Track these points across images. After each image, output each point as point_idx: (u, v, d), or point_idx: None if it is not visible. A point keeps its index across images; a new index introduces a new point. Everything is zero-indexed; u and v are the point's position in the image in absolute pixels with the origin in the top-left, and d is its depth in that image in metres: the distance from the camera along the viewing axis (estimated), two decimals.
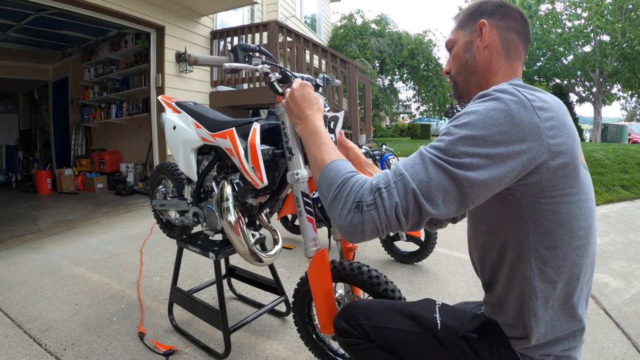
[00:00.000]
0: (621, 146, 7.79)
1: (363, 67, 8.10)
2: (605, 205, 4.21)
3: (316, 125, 0.90)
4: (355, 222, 0.66)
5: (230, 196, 1.37)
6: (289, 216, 3.15)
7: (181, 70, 5.03)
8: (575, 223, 0.70)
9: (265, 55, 1.22)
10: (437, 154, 0.65)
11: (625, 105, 30.27)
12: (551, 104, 0.68)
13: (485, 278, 0.86)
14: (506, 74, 0.82)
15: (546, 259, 0.71)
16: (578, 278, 0.72)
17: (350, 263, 1.24)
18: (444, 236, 3.11)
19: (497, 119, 0.64)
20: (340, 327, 0.93)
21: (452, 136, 0.66)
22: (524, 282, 0.73)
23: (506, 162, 0.63)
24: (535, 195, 0.69)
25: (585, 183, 0.72)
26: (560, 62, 14.68)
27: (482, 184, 0.63)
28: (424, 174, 0.64)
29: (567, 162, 0.67)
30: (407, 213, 0.64)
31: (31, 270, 2.58)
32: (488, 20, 0.82)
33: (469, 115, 0.67)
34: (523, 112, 0.64)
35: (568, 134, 0.68)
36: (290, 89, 0.98)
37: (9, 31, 5.16)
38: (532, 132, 0.64)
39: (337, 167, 0.75)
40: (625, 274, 2.42)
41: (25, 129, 7.99)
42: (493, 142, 0.63)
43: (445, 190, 0.63)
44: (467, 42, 0.85)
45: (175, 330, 1.78)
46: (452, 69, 0.89)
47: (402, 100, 18.63)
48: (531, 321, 0.72)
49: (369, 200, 0.65)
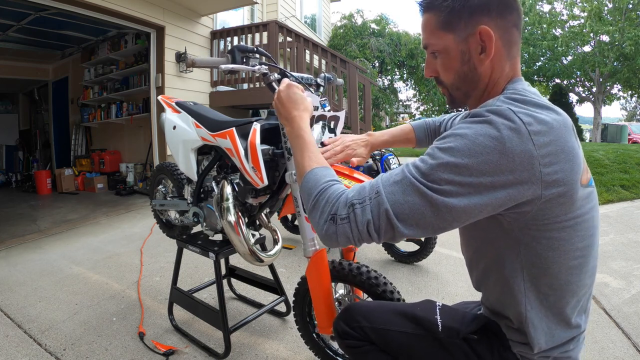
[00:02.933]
0: (621, 146, 7.78)
1: (363, 67, 8.10)
2: (605, 205, 4.21)
3: (301, 127, 0.88)
4: (330, 232, 0.67)
5: (230, 196, 1.37)
6: (289, 216, 3.15)
7: (181, 70, 5.03)
8: (570, 246, 0.68)
9: (263, 55, 1.22)
10: (417, 177, 0.63)
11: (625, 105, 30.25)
12: (551, 125, 0.62)
13: (474, 284, 0.88)
14: (507, 76, 0.74)
15: (538, 276, 0.70)
16: (574, 293, 0.71)
17: (350, 263, 1.24)
18: (444, 236, 3.11)
19: (486, 147, 0.59)
20: (340, 329, 0.92)
21: (435, 160, 0.62)
22: (519, 295, 0.72)
23: (490, 192, 0.60)
24: (527, 221, 0.66)
25: (585, 204, 0.67)
26: (560, 62, 14.68)
27: (461, 210, 0.61)
28: (400, 195, 0.63)
29: (563, 192, 0.62)
30: (379, 230, 0.64)
31: (31, 270, 2.58)
32: (486, 21, 0.68)
33: (456, 138, 0.63)
34: (516, 140, 0.59)
35: (567, 158, 0.62)
36: (277, 91, 0.97)
37: (9, 31, 5.16)
38: (523, 162, 0.59)
39: (315, 176, 0.76)
40: (625, 274, 2.42)
41: (25, 129, 7.99)
42: (477, 172, 0.60)
43: (420, 214, 0.62)
44: (463, 52, 0.72)
45: (175, 330, 1.78)
46: (445, 79, 0.77)
47: (402, 100, 18.64)
48: (531, 331, 0.72)
49: (343, 214, 0.66)
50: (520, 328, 0.74)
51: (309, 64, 5.72)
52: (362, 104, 6.42)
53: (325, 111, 1.23)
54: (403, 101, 18.80)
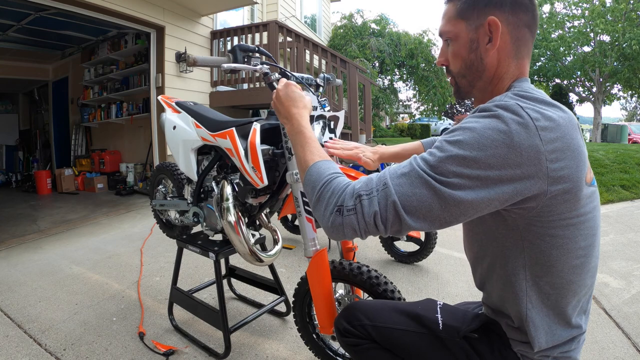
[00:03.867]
0: (621, 146, 7.79)
1: (363, 67, 8.09)
2: (605, 205, 4.21)
3: (301, 124, 0.89)
4: (336, 224, 0.67)
5: (230, 196, 1.37)
6: (289, 216, 3.15)
7: (181, 70, 5.03)
8: (573, 244, 0.68)
9: (264, 55, 1.22)
10: (426, 169, 0.63)
11: (625, 105, 30.28)
12: (558, 122, 0.63)
13: (477, 282, 0.87)
14: (514, 75, 0.75)
15: (541, 274, 0.70)
16: (575, 293, 0.72)
17: (350, 263, 1.24)
18: (444, 236, 3.11)
19: (494, 140, 0.60)
20: (342, 328, 0.92)
21: (444, 153, 0.63)
22: (520, 294, 0.72)
23: (497, 186, 0.61)
24: (532, 218, 0.66)
25: (588, 203, 0.68)
26: (560, 62, 14.68)
27: (469, 204, 0.61)
28: (408, 187, 0.63)
29: (568, 188, 0.63)
30: (386, 222, 0.64)
31: (31, 270, 2.58)
32: (498, 14, 0.71)
33: (464, 132, 0.63)
34: (524, 134, 0.60)
35: (572, 155, 0.63)
36: (276, 90, 0.97)
37: (9, 31, 5.16)
38: (530, 156, 0.60)
39: (320, 168, 0.76)
40: (625, 274, 2.42)
41: (25, 129, 7.98)
42: (485, 165, 0.60)
43: (428, 206, 0.62)
44: (472, 40, 0.75)
45: (175, 330, 1.78)
46: (453, 67, 0.80)
47: (402, 100, 18.64)
48: (531, 330, 0.72)
49: (350, 205, 0.66)
50: (520, 327, 0.74)
51: (309, 64, 5.72)
52: (362, 104, 6.42)
53: (325, 111, 1.23)
54: (403, 101, 18.79)
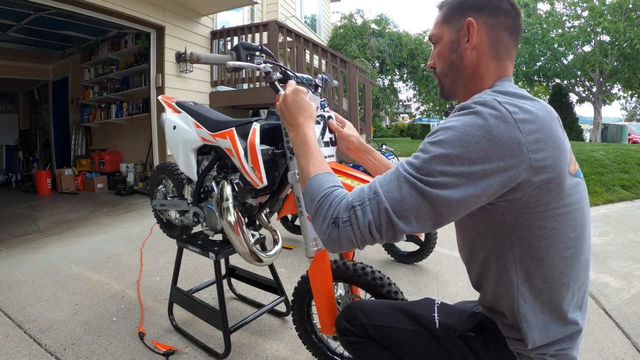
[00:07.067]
0: (621, 146, 7.79)
1: (363, 67, 8.10)
2: (605, 205, 4.21)
3: (306, 134, 0.89)
4: (333, 236, 0.68)
5: (230, 196, 1.37)
6: (289, 216, 3.15)
7: (181, 70, 5.04)
8: (561, 235, 0.69)
9: (266, 54, 1.22)
10: (412, 172, 0.65)
11: (625, 105, 30.25)
12: (536, 114, 0.65)
13: (473, 282, 0.88)
14: (495, 75, 0.78)
15: (532, 269, 0.71)
16: (568, 287, 0.72)
17: (354, 264, 1.24)
18: (444, 236, 3.11)
19: (474, 136, 0.62)
20: (341, 327, 0.94)
21: (428, 154, 0.65)
22: (512, 290, 0.73)
23: (482, 180, 0.62)
24: (518, 210, 0.67)
25: (573, 194, 0.69)
26: (560, 62, 14.67)
27: (457, 202, 0.63)
28: (397, 192, 0.65)
29: (552, 178, 0.65)
30: (381, 230, 0.65)
31: (31, 270, 2.58)
32: (476, 17, 0.76)
33: (445, 131, 0.65)
34: (503, 127, 0.62)
35: (554, 146, 0.65)
36: (283, 95, 0.96)
37: (9, 31, 5.16)
38: (512, 148, 0.61)
39: (319, 182, 0.77)
40: (625, 274, 2.42)
41: (25, 129, 7.99)
42: (469, 161, 0.62)
43: (418, 209, 0.63)
44: (453, 41, 0.80)
45: (175, 330, 1.78)
46: (438, 68, 0.85)
47: (402, 100, 18.65)
48: (524, 326, 0.72)
49: (345, 217, 0.67)
50: (514, 324, 0.75)
51: (309, 64, 5.72)
52: (362, 104, 6.42)
53: (324, 111, 1.23)
54: (403, 101, 18.82)
